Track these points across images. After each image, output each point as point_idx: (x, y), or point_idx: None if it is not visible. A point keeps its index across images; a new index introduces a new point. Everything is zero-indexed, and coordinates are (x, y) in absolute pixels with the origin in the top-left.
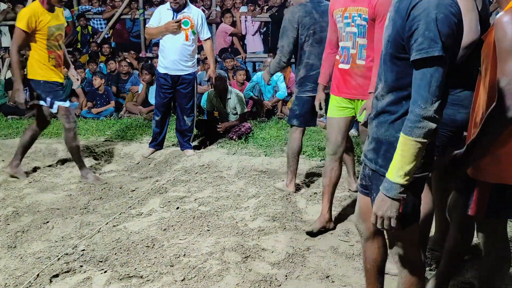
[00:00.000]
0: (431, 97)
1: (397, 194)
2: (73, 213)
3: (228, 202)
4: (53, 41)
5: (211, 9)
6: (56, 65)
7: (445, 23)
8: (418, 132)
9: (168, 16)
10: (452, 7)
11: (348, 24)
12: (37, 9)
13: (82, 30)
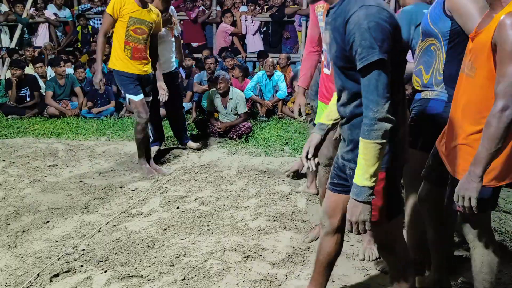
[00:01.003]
0: (381, 99)
1: (367, 197)
2: (73, 212)
3: (228, 202)
4: (132, 32)
5: (211, 9)
6: (131, 57)
7: (377, 30)
8: (376, 134)
9: None
10: (381, 14)
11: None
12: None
13: (82, 30)
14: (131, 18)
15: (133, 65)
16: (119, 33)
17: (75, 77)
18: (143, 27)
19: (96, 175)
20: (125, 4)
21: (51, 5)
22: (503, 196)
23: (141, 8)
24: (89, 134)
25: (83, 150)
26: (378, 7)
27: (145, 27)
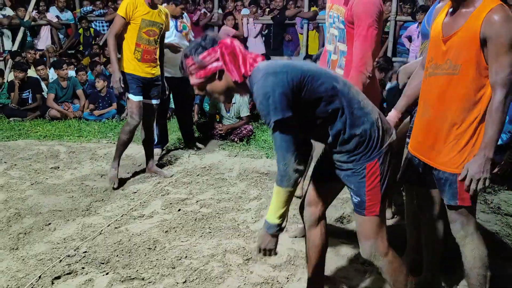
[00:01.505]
0: (286, 154)
1: (275, 232)
2: (75, 215)
3: (229, 204)
4: (144, 34)
5: (213, 12)
6: (141, 59)
7: (271, 97)
8: (286, 183)
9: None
10: (274, 83)
11: (331, 24)
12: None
13: (84, 33)
14: (143, 21)
15: (141, 68)
16: (130, 35)
17: (77, 80)
18: (155, 29)
19: (97, 177)
20: (138, 7)
21: (53, 7)
22: (505, 199)
23: (152, 9)
24: (91, 137)
25: (84, 152)
26: (274, 74)
27: (157, 29)
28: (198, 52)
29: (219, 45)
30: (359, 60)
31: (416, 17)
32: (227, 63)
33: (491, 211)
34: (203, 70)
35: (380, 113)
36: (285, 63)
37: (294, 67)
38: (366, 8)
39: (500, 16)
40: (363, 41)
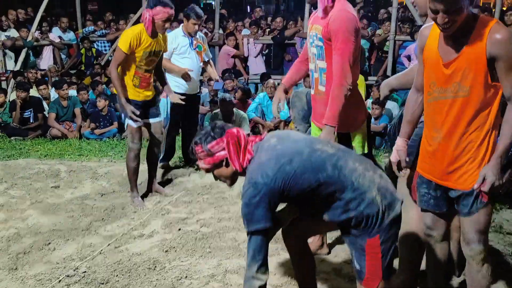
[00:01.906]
0: (251, 261)
1: None
2: (74, 234)
3: (230, 224)
4: (143, 64)
5: (214, 32)
6: (138, 85)
7: (248, 207)
8: (247, 286)
9: (185, 41)
10: (253, 195)
11: (311, 44)
12: (139, 32)
13: (86, 53)
14: (144, 53)
15: (139, 93)
16: (129, 64)
17: (77, 99)
18: (154, 57)
19: (98, 196)
20: (141, 40)
21: (56, 28)
22: (507, 218)
23: (153, 39)
24: (92, 155)
25: (85, 172)
26: (254, 185)
27: (156, 57)
28: (207, 141)
29: (226, 135)
30: (339, 73)
31: (414, 37)
32: (231, 153)
33: (493, 230)
34: (211, 158)
35: (381, 183)
36: (270, 166)
37: (278, 170)
38: (342, 23)
39: (503, 34)
40: (341, 55)
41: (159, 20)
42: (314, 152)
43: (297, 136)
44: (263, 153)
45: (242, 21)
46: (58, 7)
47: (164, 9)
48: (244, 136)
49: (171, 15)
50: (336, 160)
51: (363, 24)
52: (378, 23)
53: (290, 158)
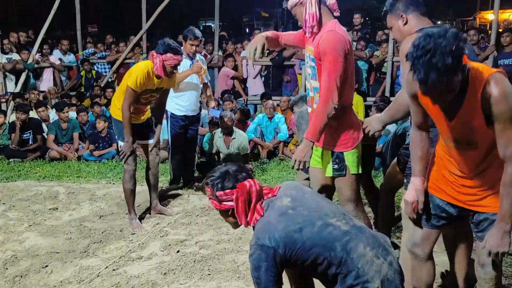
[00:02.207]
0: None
1: None
2: (72, 257)
3: (229, 245)
4: (143, 99)
5: (213, 54)
6: (134, 112)
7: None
8: None
9: (186, 63)
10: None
11: (306, 64)
12: (149, 71)
13: (86, 75)
14: (146, 91)
15: (133, 117)
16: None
17: (77, 122)
18: (155, 94)
19: (96, 218)
20: (148, 78)
21: (57, 50)
22: None
23: (158, 79)
24: (90, 177)
25: (83, 193)
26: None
27: (157, 93)
28: (217, 188)
29: (237, 188)
30: (325, 92)
31: None
32: (238, 209)
33: None
34: (219, 204)
35: (388, 273)
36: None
37: (286, 236)
38: (330, 44)
39: (498, 90)
40: (329, 74)
41: (169, 66)
42: (326, 227)
43: (312, 201)
44: (273, 213)
45: (241, 43)
46: (59, 30)
47: (175, 56)
48: (257, 191)
49: (180, 62)
50: (347, 241)
51: (361, 45)
52: (376, 45)
53: (301, 226)
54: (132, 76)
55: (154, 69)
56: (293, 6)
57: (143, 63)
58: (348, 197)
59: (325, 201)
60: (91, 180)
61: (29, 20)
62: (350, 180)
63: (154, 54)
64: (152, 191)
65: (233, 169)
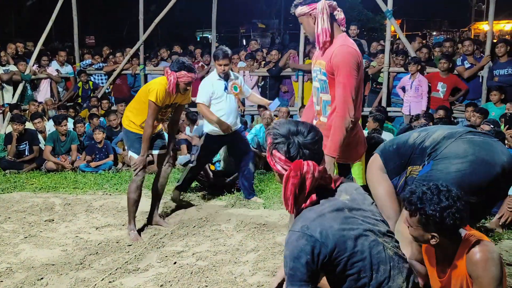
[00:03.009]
0: None
1: None
2: (68, 269)
3: (226, 257)
4: (160, 114)
5: (210, 65)
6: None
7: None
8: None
9: (220, 85)
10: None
11: (314, 78)
12: (166, 88)
13: (83, 86)
14: (164, 106)
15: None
16: (144, 112)
17: (75, 134)
18: (169, 110)
19: (92, 229)
20: (167, 94)
21: (54, 62)
22: (506, 249)
23: (172, 94)
24: (87, 188)
25: (80, 204)
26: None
27: (171, 108)
28: (279, 148)
29: (292, 165)
30: (342, 106)
31: (408, 68)
32: (286, 192)
33: None
34: (271, 161)
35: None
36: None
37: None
38: (344, 58)
39: (480, 254)
40: (344, 88)
41: (182, 83)
42: (377, 245)
43: (369, 211)
44: (327, 206)
45: (238, 54)
46: (57, 41)
47: (189, 74)
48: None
49: (193, 79)
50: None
51: None
52: (371, 56)
53: (357, 235)
54: (152, 92)
55: (169, 89)
56: (301, 15)
57: (159, 79)
58: None
59: (380, 216)
60: (87, 191)
61: (26, 31)
62: None
63: (168, 71)
64: (155, 201)
65: (305, 135)
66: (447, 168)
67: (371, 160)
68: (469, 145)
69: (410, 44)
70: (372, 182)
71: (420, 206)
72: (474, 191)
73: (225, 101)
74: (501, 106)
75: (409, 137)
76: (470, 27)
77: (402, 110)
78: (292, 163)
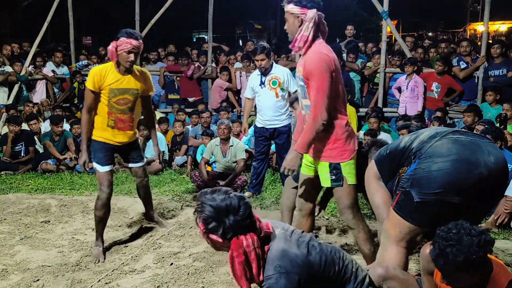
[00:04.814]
0: None
1: None
2: (64, 270)
3: (223, 257)
4: (114, 103)
5: (207, 65)
6: (114, 126)
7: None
8: None
9: (257, 80)
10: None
11: (297, 84)
12: (105, 68)
13: (79, 86)
14: (111, 90)
15: (113, 135)
16: (101, 104)
17: (69, 133)
18: (127, 96)
19: (88, 231)
20: (106, 75)
21: (50, 63)
22: (502, 249)
23: (123, 75)
24: (83, 189)
25: (76, 206)
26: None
27: (130, 95)
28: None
29: (232, 246)
30: (313, 109)
31: (404, 69)
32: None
33: None
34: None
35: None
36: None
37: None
38: (315, 64)
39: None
40: (316, 92)
41: (122, 51)
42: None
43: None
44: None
45: (234, 54)
46: (52, 42)
47: (128, 39)
48: (257, 245)
49: (135, 47)
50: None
51: (350, 57)
52: (367, 57)
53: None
54: (88, 76)
55: (111, 58)
56: (290, 13)
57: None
58: (346, 205)
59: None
60: (83, 193)
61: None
62: (348, 190)
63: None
64: (146, 204)
65: (236, 211)
66: (429, 167)
67: (368, 167)
68: (453, 144)
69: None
70: (369, 190)
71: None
72: (456, 191)
73: (262, 96)
74: (496, 106)
75: (401, 141)
76: (466, 28)
77: (398, 111)
78: (231, 243)
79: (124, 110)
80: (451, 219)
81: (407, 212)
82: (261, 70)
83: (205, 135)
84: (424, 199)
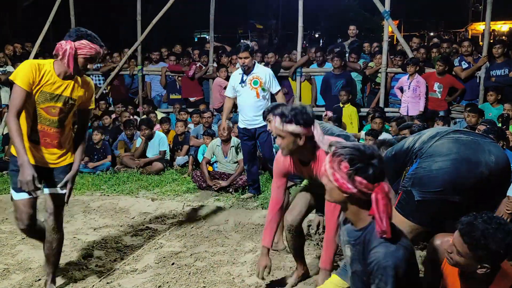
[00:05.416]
0: None
1: None
2: (65, 269)
3: (224, 257)
4: (43, 111)
5: (208, 65)
6: (38, 141)
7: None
8: None
9: (238, 78)
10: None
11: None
12: (44, 65)
13: None
14: (41, 93)
15: (38, 153)
16: (27, 112)
17: None
18: (59, 105)
19: (90, 230)
20: (42, 74)
21: None
22: None
23: (62, 80)
24: (84, 189)
25: (77, 205)
26: (396, 246)
27: (63, 105)
28: (361, 172)
29: (377, 189)
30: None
31: (406, 69)
32: (382, 213)
33: None
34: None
35: None
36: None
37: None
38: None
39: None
40: None
41: (82, 57)
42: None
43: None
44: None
45: (236, 54)
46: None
47: (93, 45)
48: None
49: (97, 54)
50: None
51: (352, 57)
52: (370, 56)
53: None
54: (14, 73)
55: (61, 58)
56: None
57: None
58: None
59: None
60: (85, 192)
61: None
62: None
63: (62, 43)
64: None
65: (377, 158)
66: (429, 166)
67: None
68: (454, 144)
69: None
70: None
71: (484, 242)
72: (457, 190)
73: (242, 95)
74: (497, 106)
75: (405, 142)
76: (467, 27)
77: (400, 111)
78: (375, 186)
79: (56, 123)
80: (451, 218)
81: (408, 211)
82: (243, 69)
83: (207, 135)
84: (424, 198)
